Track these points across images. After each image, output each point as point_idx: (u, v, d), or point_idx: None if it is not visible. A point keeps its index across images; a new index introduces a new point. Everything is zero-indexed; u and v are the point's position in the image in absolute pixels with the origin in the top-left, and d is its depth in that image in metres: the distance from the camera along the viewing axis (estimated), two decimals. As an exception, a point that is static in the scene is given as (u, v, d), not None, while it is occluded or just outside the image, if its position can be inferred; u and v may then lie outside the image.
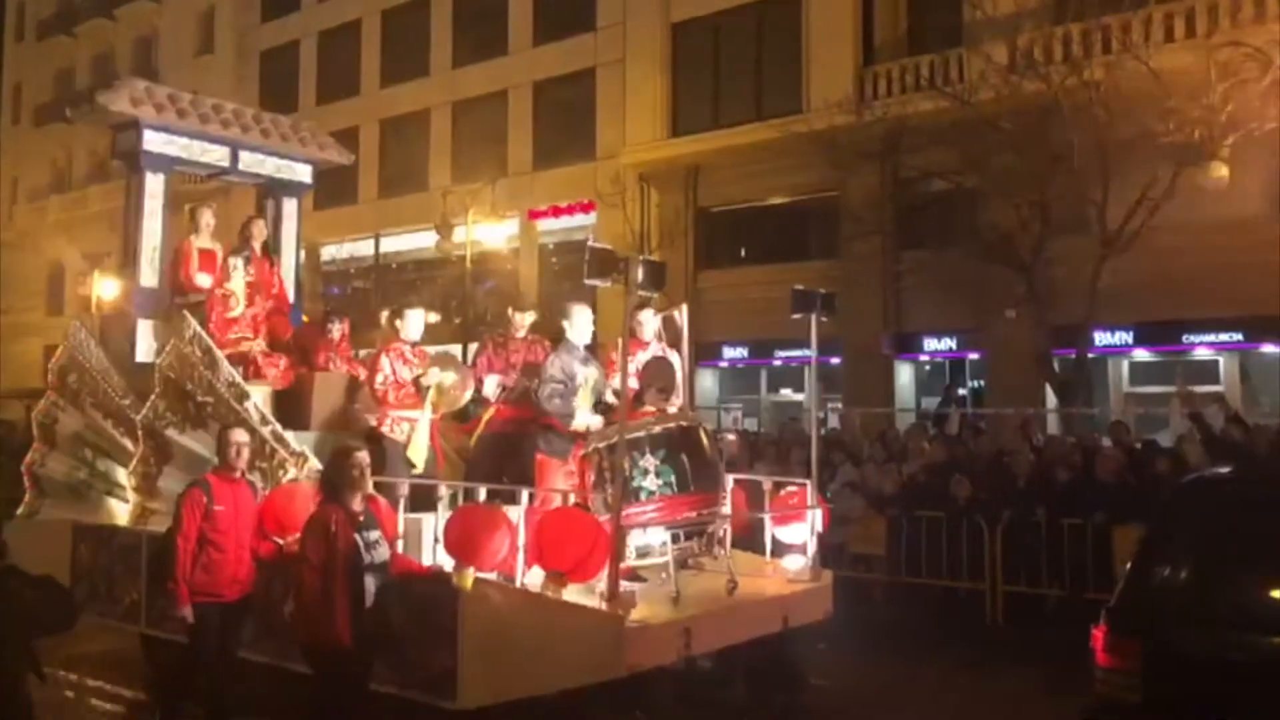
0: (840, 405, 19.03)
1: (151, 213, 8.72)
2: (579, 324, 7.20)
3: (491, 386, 7.60)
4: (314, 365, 8.47)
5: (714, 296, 21.14)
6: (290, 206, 9.79)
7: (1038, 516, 9.80)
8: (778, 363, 21.88)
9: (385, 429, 7.43)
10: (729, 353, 22.55)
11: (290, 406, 7.96)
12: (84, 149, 36.89)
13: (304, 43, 31.77)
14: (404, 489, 6.52)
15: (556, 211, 25.78)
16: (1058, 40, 16.74)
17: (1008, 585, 9.85)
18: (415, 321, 7.70)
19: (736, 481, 7.34)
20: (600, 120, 24.93)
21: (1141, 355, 18.53)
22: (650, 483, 6.38)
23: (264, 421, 7.13)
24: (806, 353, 7.22)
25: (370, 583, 5.21)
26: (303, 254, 10.18)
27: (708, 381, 22.84)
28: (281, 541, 6.23)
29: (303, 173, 9.77)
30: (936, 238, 18.32)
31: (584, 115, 25.18)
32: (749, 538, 7.47)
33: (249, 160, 9.34)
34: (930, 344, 19.99)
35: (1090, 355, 16.04)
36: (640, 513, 6.22)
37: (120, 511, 8.23)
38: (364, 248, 29.99)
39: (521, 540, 5.92)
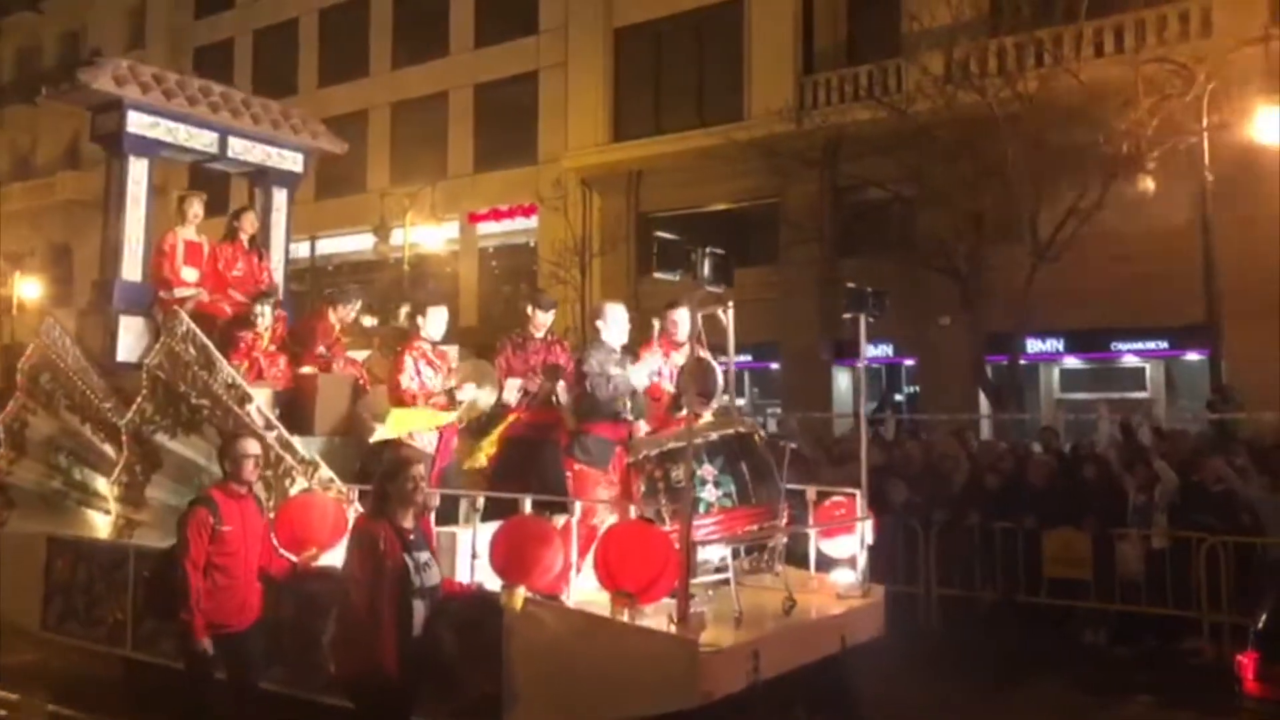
0: (780, 410, 19.18)
1: (134, 200, 8.12)
2: (614, 324, 6.69)
3: (513, 391, 7.03)
4: (310, 356, 8.00)
5: (655, 302, 21.10)
6: (280, 197, 9.22)
7: (971, 520, 9.94)
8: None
9: (405, 435, 6.82)
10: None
11: (292, 409, 7.42)
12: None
13: (239, 40, 31.19)
14: (434, 500, 5.92)
15: (497, 215, 25.63)
16: (992, 53, 17.06)
17: (941, 589, 9.97)
18: (437, 320, 7.10)
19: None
20: (542, 124, 24.85)
21: (1072, 362, 18.94)
22: (709, 493, 5.87)
23: (269, 426, 6.63)
24: (745, 358, 6.94)
25: (419, 609, 4.71)
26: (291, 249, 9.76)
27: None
28: (296, 559, 5.82)
29: (294, 161, 9.19)
30: (874, 245, 18.55)
31: (526, 118, 25.08)
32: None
33: (238, 147, 8.75)
34: (867, 349, 20.20)
35: (1022, 362, 16.36)
36: (699, 526, 5.60)
37: (100, 523, 7.61)
38: (299, 249, 29.50)
39: (568, 557, 5.45)
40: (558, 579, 5.33)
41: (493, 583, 5.34)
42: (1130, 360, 18.28)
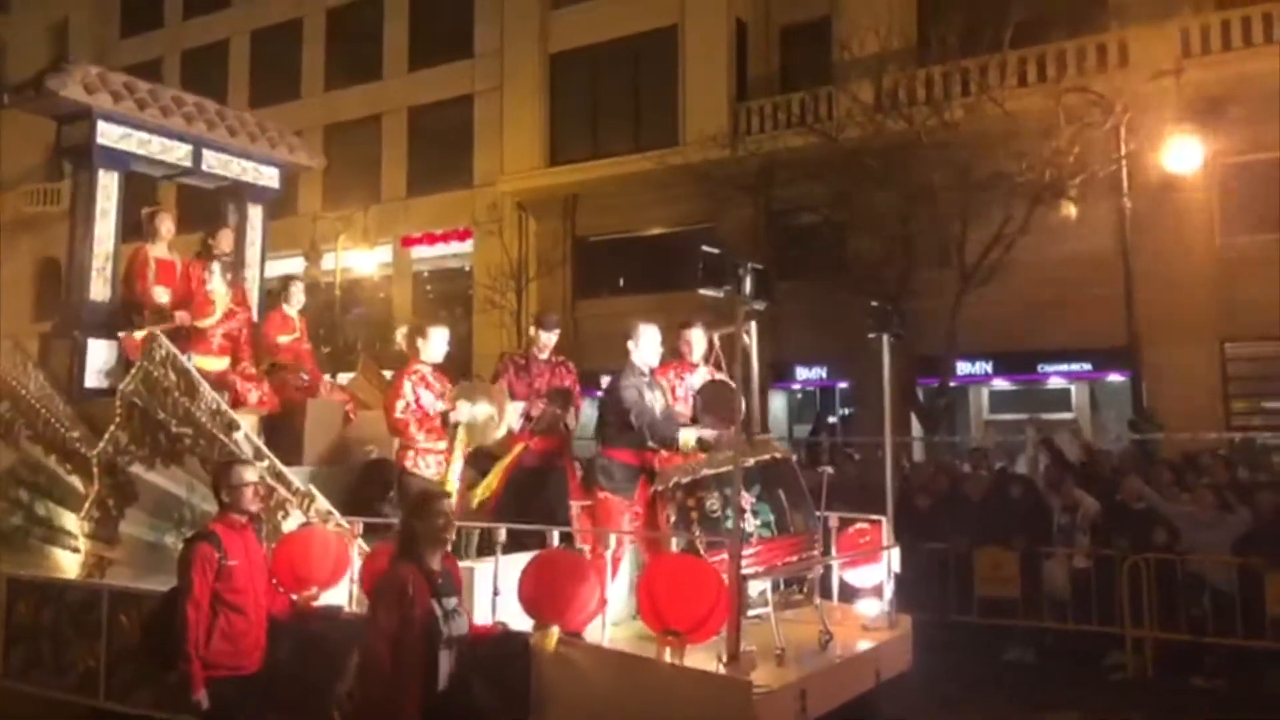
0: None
1: (104, 215, 7.68)
2: (646, 345, 6.29)
3: (515, 416, 6.62)
4: (272, 353, 7.60)
5: (592, 326, 21.16)
6: (256, 214, 8.87)
7: (904, 541, 10.04)
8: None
9: (408, 463, 6.37)
10: (606, 381, 22.55)
11: (278, 437, 6.97)
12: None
13: (167, 60, 30.64)
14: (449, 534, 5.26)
15: (431, 239, 25.46)
16: (920, 82, 17.46)
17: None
18: (438, 341, 6.65)
19: None
20: (477, 147, 24.79)
21: (1000, 384, 19.35)
22: (747, 523, 5.48)
23: (259, 456, 6.20)
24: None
25: (445, 660, 4.35)
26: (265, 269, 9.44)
27: (587, 410, 22.79)
28: (296, 598, 5.45)
29: (270, 176, 8.83)
30: (808, 269, 18.79)
31: (461, 142, 25.00)
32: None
33: (213, 160, 8.37)
34: (802, 373, 20.46)
35: (952, 384, 16.66)
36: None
37: (68, 562, 7.07)
38: (229, 273, 29.00)
39: (603, 593, 5.06)
40: (585, 616, 4.92)
41: (515, 620, 4.96)
42: (1056, 382, 18.73)
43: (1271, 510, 9.03)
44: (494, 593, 5.07)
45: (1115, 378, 17.46)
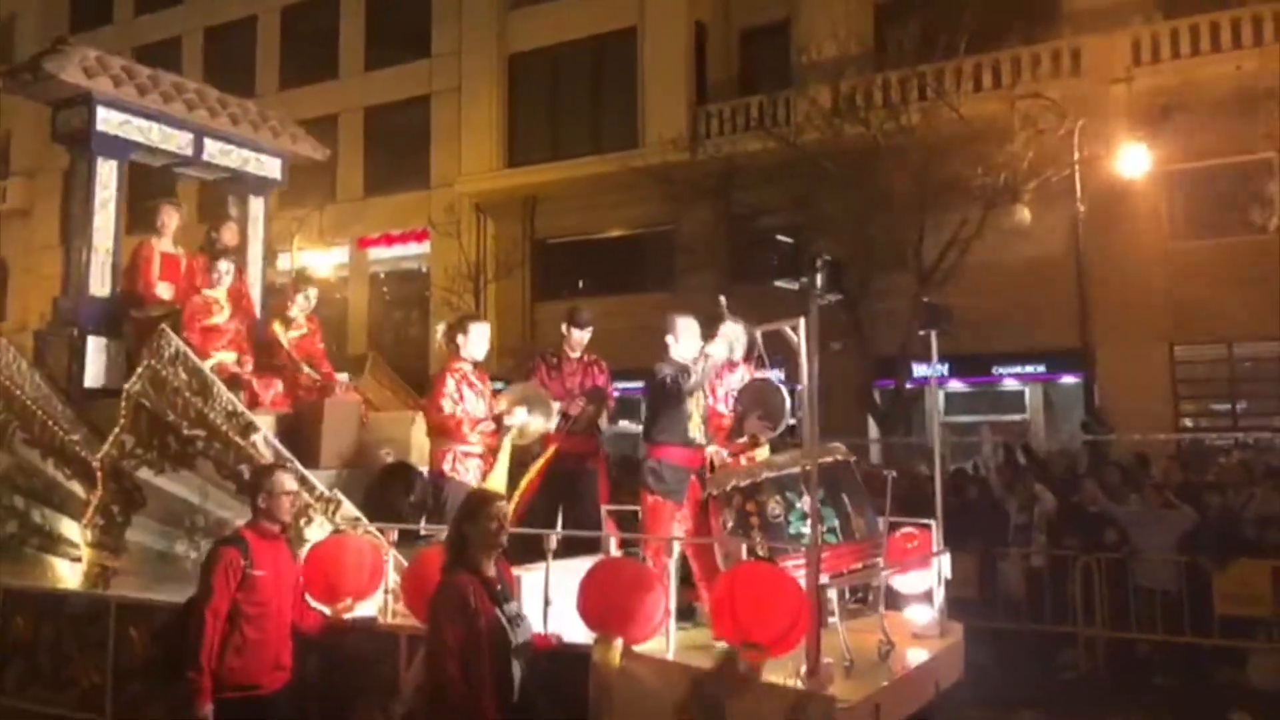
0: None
1: (103, 206, 7.29)
2: (686, 337, 6.00)
3: (554, 416, 6.39)
4: (272, 351, 7.20)
5: (552, 329, 21.05)
6: (257, 206, 8.45)
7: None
8: (615, 393, 21.97)
9: (446, 466, 6.05)
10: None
11: (294, 439, 6.53)
12: None
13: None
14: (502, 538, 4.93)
15: (389, 240, 25.25)
16: (877, 86, 17.59)
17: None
18: (480, 337, 6.36)
19: None
20: (435, 148, 24.62)
21: (956, 386, 19.55)
22: (809, 529, 5.18)
23: (279, 459, 5.84)
24: (638, 384, 6.63)
25: (517, 671, 4.12)
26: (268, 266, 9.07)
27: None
28: (329, 611, 5.09)
29: (272, 168, 8.41)
30: (767, 272, 18.84)
31: (418, 143, 24.80)
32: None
33: (214, 149, 8.00)
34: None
35: (909, 386, 16.81)
36: (803, 565, 4.94)
37: (67, 572, 6.67)
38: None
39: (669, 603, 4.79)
40: (651, 628, 4.63)
41: (567, 630, 4.69)
42: (1010, 384, 18.95)
43: (1217, 510, 9.20)
44: (545, 602, 4.75)
45: (1069, 380, 17.71)
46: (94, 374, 7.19)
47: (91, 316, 7.28)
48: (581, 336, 6.84)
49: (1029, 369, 18.32)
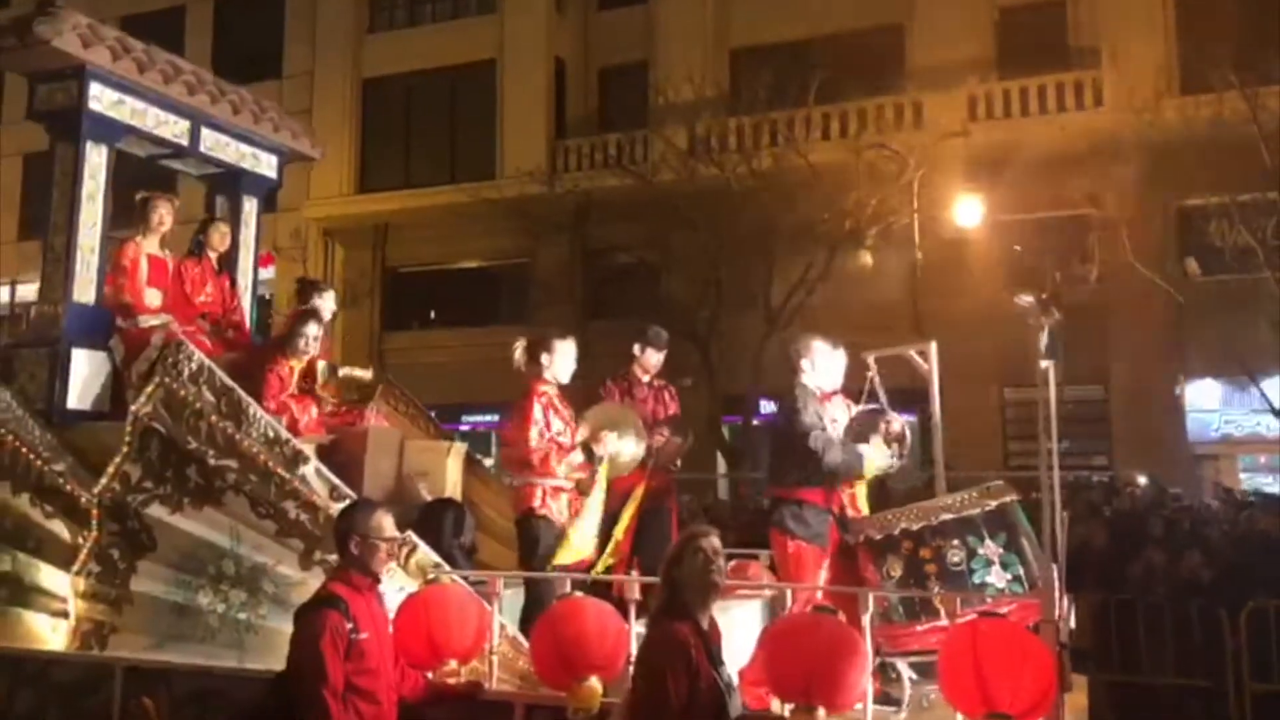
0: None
1: (90, 199, 6.35)
2: (823, 365, 5.57)
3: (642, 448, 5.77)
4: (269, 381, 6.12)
5: (402, 359, 20.65)
6: (251, 208, 7.72)
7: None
8: (465, 427, 21.66)
9: (535, 503, 5.33)
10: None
11: (332, 471, 5.56)
12: None
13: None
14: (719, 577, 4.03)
15: (232, 263, 24.27)
16: (731, 131, 18.08)
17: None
18: (566, 356, 5.62)
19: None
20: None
21: (802, 423, 20.05)
22: (995, 577, 4.70)
23: (336, 495, 5.02)
24: (493, 418, 6.21)
25: None
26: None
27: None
28: (432, 676, 4.33)
29: (268, 165, 7.66)
30: (622, 308, 18.99)
31: (265, 165, 24.01)
32: None
33: (210, 140, 7.11)
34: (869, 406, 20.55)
35: (756, 422, 17.17)
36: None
37: (46, 629, 5.61)
38: None
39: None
40: (856, 696, 4.05)
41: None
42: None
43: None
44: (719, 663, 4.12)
45: (906, 418, 18.32)
46: (80, 393, 6.16)
47: (78, 327, 6.24)
48: (657, 359, 6.31)
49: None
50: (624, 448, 5.58)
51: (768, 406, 18.49)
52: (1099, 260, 16.79)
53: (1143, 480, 13.97)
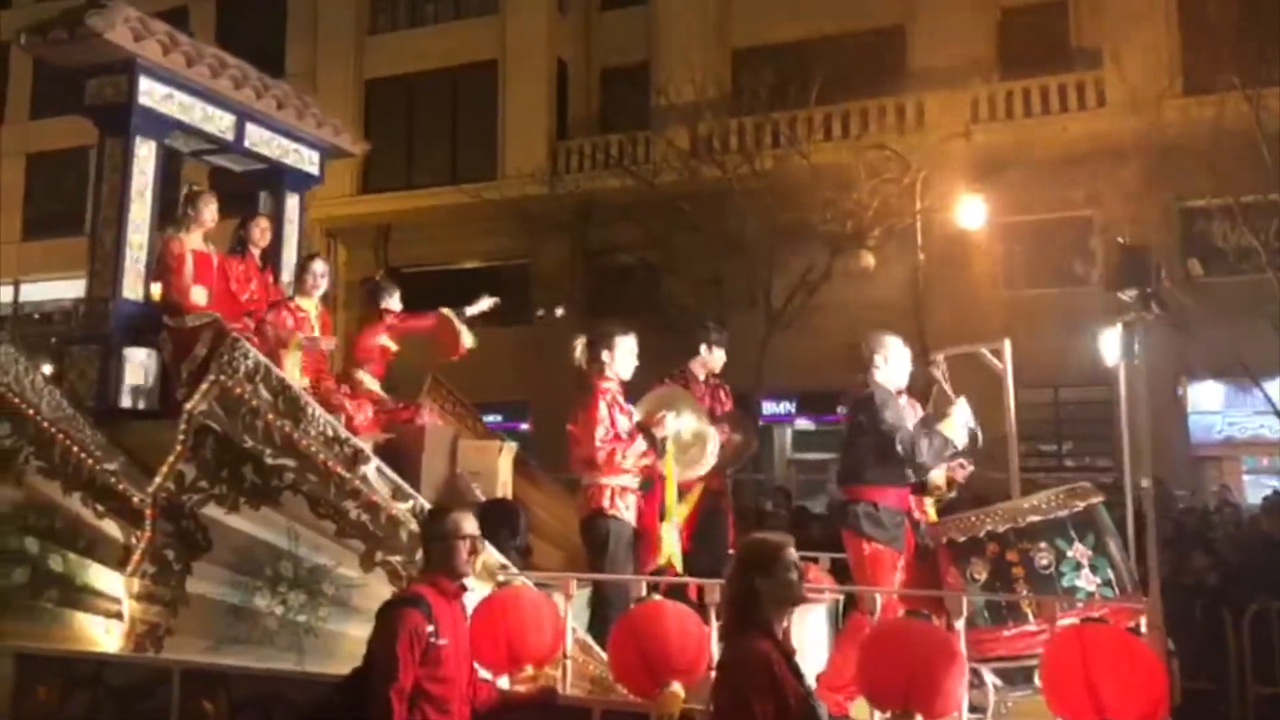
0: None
1: (139, 195, 6.34)
2: (895, 361, 5.40)
3: (715, 445, 5.67)
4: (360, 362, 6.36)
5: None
6: (293, 204, 7.68)
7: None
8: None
9: (605, 503, 5.23)
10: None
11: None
12: None
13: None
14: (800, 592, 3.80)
15: (235, 263, 24.29)
16: (733, 131, 18.05)
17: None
18: (628, 352, 5.56)
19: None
20: (285, 172, 23.88)
21: (803, 424, 20.04)
22: (1085, 581, 4.56)
23: (399, 495, 4.90)
24: (495, 418, 6.16)
25: None
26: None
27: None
28: (507, 682, 4.26)
29: (311, 161, 7.64)
30: (623, 309, 18.97)
31: (268, 165, 24.02)
32: None
33: (255, 136, 7.10)
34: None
35: (759, 423, 17.14)
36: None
37: (100, 632, 5.52)
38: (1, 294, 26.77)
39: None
40: (954, 703, 3.91)
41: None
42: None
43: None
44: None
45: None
46: (130, 391, 6.16)
47: (127, 324, 6.23)
48: (719, 358, 6.22)
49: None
50: (683, 425, 5.47)
51: (770, 407, 18.50)
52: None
53: (1145, 483, 13.90)
